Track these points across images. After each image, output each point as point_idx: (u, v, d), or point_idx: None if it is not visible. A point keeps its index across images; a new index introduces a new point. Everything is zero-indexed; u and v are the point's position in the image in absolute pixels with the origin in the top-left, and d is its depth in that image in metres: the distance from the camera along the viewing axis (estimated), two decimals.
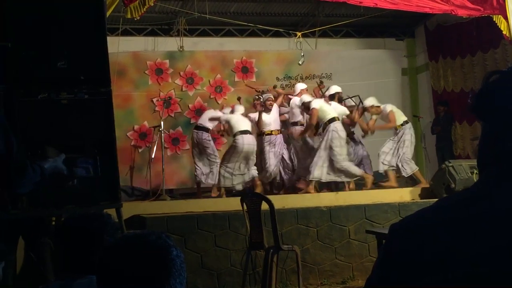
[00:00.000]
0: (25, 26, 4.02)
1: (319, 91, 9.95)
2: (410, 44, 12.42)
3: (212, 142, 9.39)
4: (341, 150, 8.76)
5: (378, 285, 1.02)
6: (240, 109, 9.47)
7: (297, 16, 11.36)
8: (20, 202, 3.74)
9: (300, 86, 9.73)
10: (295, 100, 9.42)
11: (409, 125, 9.43)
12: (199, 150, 9.32)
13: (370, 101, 9.39)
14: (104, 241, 2.18)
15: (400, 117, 9.43)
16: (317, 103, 8.92)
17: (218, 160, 9.20)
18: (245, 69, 11.18)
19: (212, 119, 9.42)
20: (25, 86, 3.96)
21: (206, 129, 9.29)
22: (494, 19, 8.53)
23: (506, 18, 8.38)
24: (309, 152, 9.16)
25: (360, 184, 9.41)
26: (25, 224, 4.07)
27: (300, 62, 10.38)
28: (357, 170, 8.97)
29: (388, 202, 8.02)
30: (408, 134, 9.32)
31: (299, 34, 10.65)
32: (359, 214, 7.70)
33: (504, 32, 8.52)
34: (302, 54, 10.36)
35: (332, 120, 8.77)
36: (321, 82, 10.46)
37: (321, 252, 7.49)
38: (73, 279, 2.18)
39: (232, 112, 9.48)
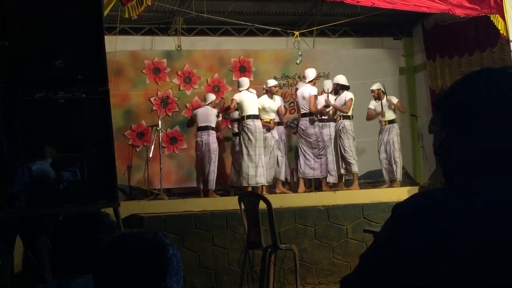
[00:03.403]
0: (23, 25, 4.01)
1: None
2: (408, 43, 12.42)
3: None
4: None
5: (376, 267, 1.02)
6: (210, 97, 9.70)
7: (295, 15, 11.36)
8: (18, 201, 3.73)
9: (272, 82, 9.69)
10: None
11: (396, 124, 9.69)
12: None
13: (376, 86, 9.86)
14: (101, 241, 2.18)
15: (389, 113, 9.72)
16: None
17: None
18: (242, 69, 11.17)
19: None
20: (22, 85, 3.95)
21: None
22: (491, 19, 8.54)
23: (503, 17, 8.39)
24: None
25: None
26: (23, 223, 4.06)
27: (297, 62, 10.38)
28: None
29: (386, 201, 8.03)
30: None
31: (297, 33, 10.65)
32: (357, 213, 7.71)
33: (501, 32, 8.53)
34: (300, 53, 10.36)
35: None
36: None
37: (319, 251, 7.51)
38: (71, 278, 2.18)
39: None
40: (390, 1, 8.32)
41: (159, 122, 9.36)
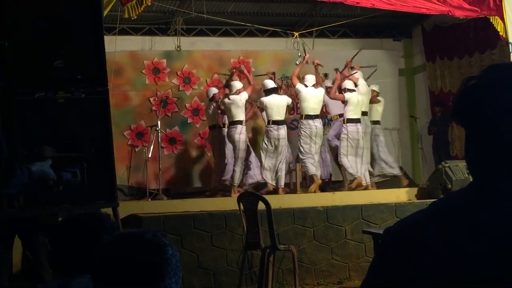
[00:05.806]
0: (22, 25, 4.01)
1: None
2: (407, 44, 12.43)
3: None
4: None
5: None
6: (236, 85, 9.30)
7: (294, 16, 11.37)
8: (16, 201, 3.73)
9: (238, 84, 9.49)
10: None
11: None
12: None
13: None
14: (102, 241, 2.17)
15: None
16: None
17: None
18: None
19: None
20: (22, 85, 3.95)
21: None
22: (491, 20, 8.54)
23: (502, 19, 8.40)
24: None
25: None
26: (22, 223, 4.06)
27: (297, 62, 10.36)
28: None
29: (384, 202, 8.03)
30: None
31: (296, 34, 10.65)
32: (356, 214, 7.71)
33: (501, 33, 8.54)
34: (299, 54, 10.36)
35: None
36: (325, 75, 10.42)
37: (318, 252, 7.50)
38: (71, 278, 2.18)
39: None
40: (390, 2, 8.32)
41: (159, 122, 9.35)
